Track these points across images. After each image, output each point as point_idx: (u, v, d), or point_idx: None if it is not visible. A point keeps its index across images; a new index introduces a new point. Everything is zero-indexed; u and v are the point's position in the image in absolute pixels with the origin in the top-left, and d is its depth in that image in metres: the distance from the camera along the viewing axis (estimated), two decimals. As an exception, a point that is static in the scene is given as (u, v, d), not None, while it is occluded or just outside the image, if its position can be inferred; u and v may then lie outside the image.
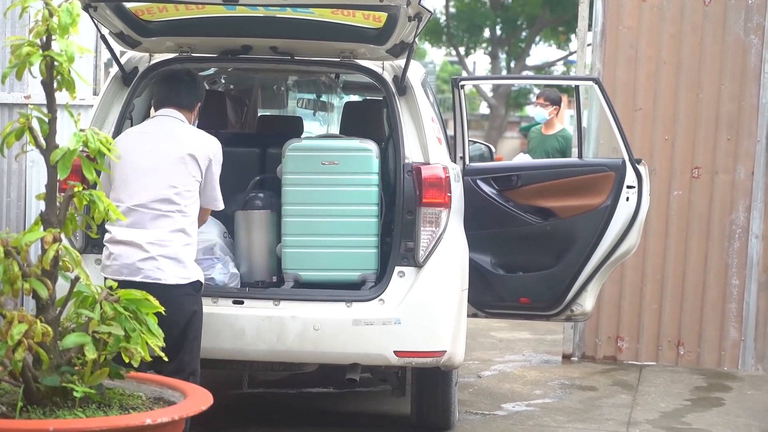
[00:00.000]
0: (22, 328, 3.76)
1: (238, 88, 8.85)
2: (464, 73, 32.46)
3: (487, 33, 31.67)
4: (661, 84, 8.74)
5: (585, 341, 8.93)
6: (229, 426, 6.47)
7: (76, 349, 3.94)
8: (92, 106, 6.29)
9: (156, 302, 4.07)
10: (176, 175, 5.37)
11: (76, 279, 3.99)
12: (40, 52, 3.95)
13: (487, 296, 7.06)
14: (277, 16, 5.91)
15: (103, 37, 6.09)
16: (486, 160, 8.20)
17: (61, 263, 3.99)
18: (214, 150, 5.50)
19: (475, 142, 8.42)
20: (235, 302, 5.83)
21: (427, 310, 5.82)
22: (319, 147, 6.17)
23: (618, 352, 8.88)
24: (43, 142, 4.03)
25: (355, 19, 5.86)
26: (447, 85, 35.70)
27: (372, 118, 6.74)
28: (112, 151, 4.10)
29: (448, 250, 5.90)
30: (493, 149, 8.74)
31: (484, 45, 32.31)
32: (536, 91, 17.08)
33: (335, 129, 9.44)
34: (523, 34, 31.52)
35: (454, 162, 6.80)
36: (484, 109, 38.97)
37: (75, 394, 3.83)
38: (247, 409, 7.09)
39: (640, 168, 6.99)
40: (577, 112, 8.00)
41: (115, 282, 4.19)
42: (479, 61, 40.68)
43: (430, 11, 5.59)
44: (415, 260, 5.84)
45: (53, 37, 3.95)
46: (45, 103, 4.05)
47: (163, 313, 4.12)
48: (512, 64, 31.52)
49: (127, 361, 3.97)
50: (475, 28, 31.00)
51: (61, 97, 4.06)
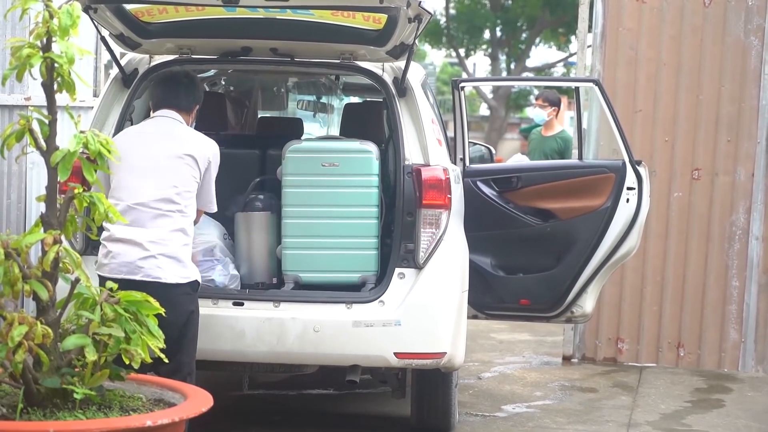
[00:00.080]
0: (23, 330, 3.76)
1: (238, 89, 8.84)
2: (464, 75, 32.50)
3: (487, 34, 31.70)
4: (661, 85, 8.74)
5: (585, 343, 8.93)
6: (230, 427, 6.47)
7: (76, 351, 3.93)
8: (92, 108, 6.29)
9: (156, 303, 4.07)
10: (177, 175, 5.36)
11: (77, 281, 3.99)
12: (41, 53, 3.94)
13: (488, 298, 7.05)
14: (277, 17, 5.91)
15: (103, 39, 6.10)
16: (486, 162, 8.20)
17: (61, 265, 3.98)
18: (213, 152, 5.50)
19: (475, 144, 8.42)
20: (235, 304, 5.82)
21: (427, 312, 5.81)
22: (319, 149, 6.16)
23: (618, 354, 8.88)
24: (43, 143, 4.02)
25: (355, 21, 5.86)
26: (447, 87, 35.72)
27: (372, 120, 6.73)
28: (113, 153, 4.10)
29: (449, 252, 5.89)
30: (493, 151, 8.74)
31: (484, 46, 32.34)
32: (536, 93, 17.10)
33: (335, 131, 9.44)
34: (523, 35, 31.55)
35: (454, 163, 6.80)
36: (484, 110, 38.99)
37: (75, 395, 3.82)
38: (248, 411, 7.09)
39: (641, 169, 6.99)
40: (578, 114, 8.01)
41: (113, 281, 4.18)
42: (479, 62, 40.74)
43: (430, 13, 5.59)
44: (415, 262, 5.84)
45: (53, 39, 3.94)
46: (45, 104, 4.05)
47: (164, 314, 4.12)
48: (512, 66, 31.54)
49: (127, 362, 3.97)
50: (475, 30, 31.02)
51: (62, 98, 4.05)
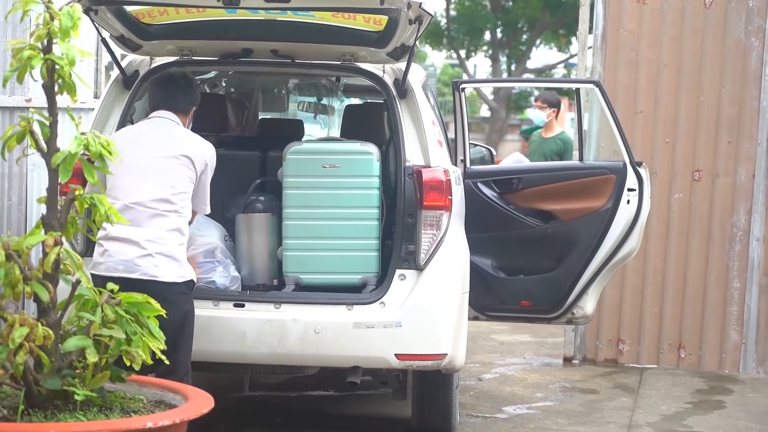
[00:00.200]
0: (24, 332, 3.76)
1: (239, 91, 8.84)
2: (465, 76, 32.50)
3: (487, 36, 31.71)
4: (662, 87, 8.74)
5: (586, 344, 8.92)
6: (231, 429, 6.46)
7: (77, 353, 3.93)
8: (93, 110, 6.29)
9: (157, 305, 4.07)
10: (175, 176, 5.36)
11: (77, 282, 3.99)
12: (41, 55, 3.94)
13: (488, 299, 7.05)
14: (278, 19, 5.91)
15: (104, 41, 6.10)
16: (487, 163, 8.19)
17: (62, 266, 3.98)
18: (210, 154, 5.50)
19: (476, 145, 8.42)
20: (236, 305, 5.82)
21: (428, 313, 5.81)
22: (320, 150, 6.16)
23: (619, 355, 8.88)
24: (44, 145, 4.02)
25: (356, 23, 5.87)
26: (448, 88, 35.72)
27: (373, 121, 6.73)
28: (114, 155, 4.10)
29: (449, 253, 5.89)
30: (494, 152, 8.73)
31: (485, 48, 32.35)
32: (537, 94, 17.09)
33: (336, 132, 9.44)
34: (524, 37, 31.57)
35: (455, 165, 6.80)
36: (484, 112, 39.01)
37: (76, 397, 3.83)
38: (248, 412, 7.09)
39: (641, 171, 6.98)
40: (578, 115, 8.00)
41: (109, 279, 4.18)
42: (480, 64, 40.83)
43: (430, 14, 5.59)
44: (416, 263, 5.83)
45: (54, 41, 3.94)
46: (46, 106, 4.05)
47: (164, 315, 4.12)
48: (513, 67, 31.55)
49: (128, 364, 3.97)
50: (475, 31, 31.04)
51: (62, 100, 4.06)
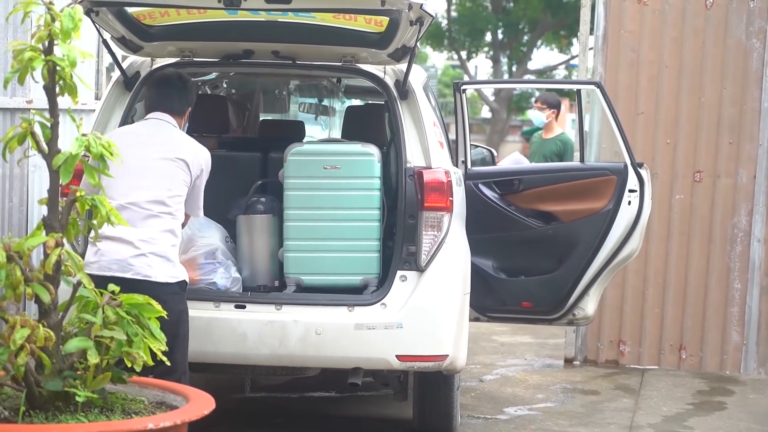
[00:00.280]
0: (25, 333, 3.75)
1: (240, 92, 8.85)
2: (466, 77, 32.50)
3: (488, 37, 31.70)
4: (663, 87, 8.74)
5: (587, 345, 8.92)
6: (232, 430, 6.46)
7: (78, 354, 3.93)
8: (94, 111, 6.29)
9: (158, 306, 4.07)
10: (171, 178, 5.35)
11: (78, 283, 3.98)
12: (42, 56, 3.94)
13: (489, 300, 7.05)
14: (279, 20, 5.92)
15: (105, 42, 6.09)
16: (488, 164, 8.20)
17: (63, 268, 3.98)
18: (205, 159, 5.49)
19: (477, 146, 8.42)
20: (237, 306, 5.82)
21: (429, 315, 5.80)
22: (321, 151, 6.16)
23: (620, 356, 8.88)
24: (45, 146, 4.02)
25: (357, 24, 5.87)
26: (449, 89, 35.76)
27: (374, 123, 6.74)
28: (114, 156, 4.10)
29: (450, 254, 5.89)
30: (495, 153, 8.74)
31: (486, 49, 32.34)
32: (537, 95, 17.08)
33: (337, 133, 9.44)
34: (525, 38, 31.56)
35: (456, 166, 6.80)
36: (485, 113, 39.00)
37: (77, 398, 3.83)
38: (249, 414, 7.09)
39: (642, 172, 6.98)
40: (579, 116, 8.00)
41: (101, 278, 4.17)
42: (481, 65, 40.79)
43: (431, 15, 5.59)
44: (417, 264, 5.83)
45: (55, 42, 3.94)
46: (47, 107, 4.05)
47: (165, 317, 4.12)
48: (514, 68, 31.56)
49: (129, 365, 3.97)
50: (476, 32, 31.03)
51: (63, 101, 4.06)
